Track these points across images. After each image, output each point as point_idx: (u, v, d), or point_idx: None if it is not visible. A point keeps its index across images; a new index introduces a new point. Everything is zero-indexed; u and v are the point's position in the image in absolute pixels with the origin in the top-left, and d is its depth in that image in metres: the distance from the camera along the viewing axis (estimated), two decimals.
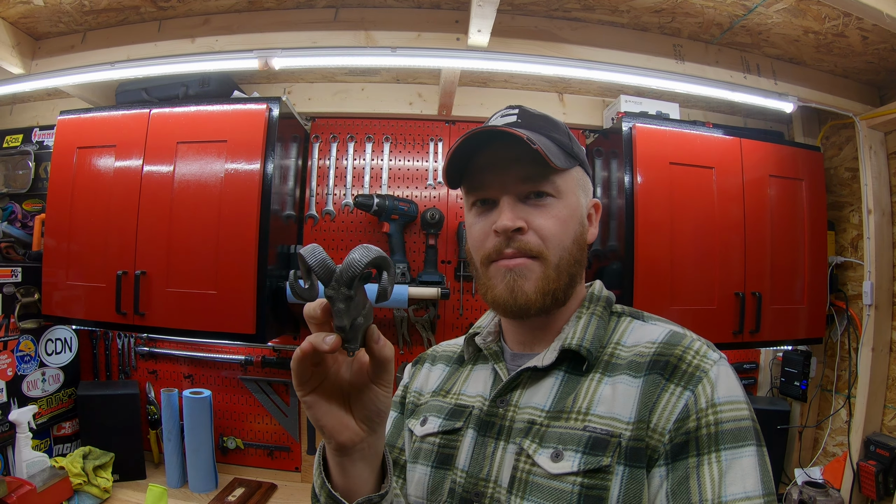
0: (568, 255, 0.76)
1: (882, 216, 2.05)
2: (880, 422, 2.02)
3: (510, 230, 0.73)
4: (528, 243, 0.74)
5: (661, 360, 0.70)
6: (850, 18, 1.68)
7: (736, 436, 0.63)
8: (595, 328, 0.78)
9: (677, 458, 0.64)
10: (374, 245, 0.57)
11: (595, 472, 0.65)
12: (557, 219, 0.75)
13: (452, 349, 0.96)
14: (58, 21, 1.92)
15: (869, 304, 2.02)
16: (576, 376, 0.75)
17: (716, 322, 1.96)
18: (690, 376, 0.67)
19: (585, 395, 0.72)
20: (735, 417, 0.64)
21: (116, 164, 1.98)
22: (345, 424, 0.60)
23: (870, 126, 2.05)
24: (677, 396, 0.66)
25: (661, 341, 0.73)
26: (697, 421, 0.64)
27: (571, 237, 0.77)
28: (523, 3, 1.78)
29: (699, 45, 1.94)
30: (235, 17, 1.88)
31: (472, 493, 0.74)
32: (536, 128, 0.77)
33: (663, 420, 0.65)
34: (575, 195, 0.79)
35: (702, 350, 0.70)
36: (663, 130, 1.98)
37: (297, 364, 0.57)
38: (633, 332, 0.77)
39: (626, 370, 0.71)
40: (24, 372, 2.03)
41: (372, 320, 0.59)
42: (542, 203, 0.75)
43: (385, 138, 2.35)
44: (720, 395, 0.65)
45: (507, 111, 0.80)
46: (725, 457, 0.62)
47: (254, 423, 2.33)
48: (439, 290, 2.08)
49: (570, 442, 0.68)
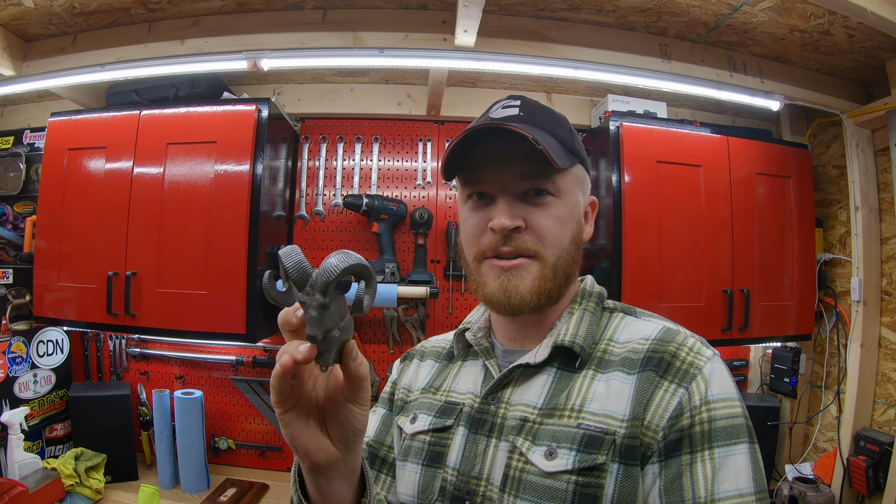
0: (566, 254, 0.75)
1: (870, 213, 2.06)
2: (870, 417, 2.03)
3: (508, 229, 0.72)
4: (526, 242, 0.73)
5: (655, 356, 0.69)
6: (836, 16, 1.70)
7: (729, 433, 0.63)
8: (588, 324, 0.77)
9: (671, 456, 0.63)
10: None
11: (590, 471, 0.64)
12: (556, 218, 0.74)
13: (441, 345, 0.94)
14: (48, 23, 1.93)
15: (857, 301, 2.03)
16: (568, 373, 0.74)
17: (704, 319, 1.97)
18: (685, 373, 0.67)
19: (579, 392, 0.71)
20: (728, 415, 0.64)
21: (107, 165, 1.99)
22: (321, 445, 0.57)
23: (857, 123, 2.07)
24: (671, 393, 0.66)
25: (655, 338, 0.72)
26: (691, 418, 0.64)
27: (569, 236, 0.75)
28: (509, 4, 1.79)
29: (685, 44, 1.95)
30: (225, 18, 1.89)
31: (464, 492, 0.73)
32: (539, 122, 0.74)
33: (657, 417, 0.65)
34: (574, 194, 0.77)
35: (695, 347, 0.70)
36: (651, 129, 1.99)
37: (279, 381, 0.52)
38: (625, 329, 0.77)
39: (620, 367, 0.71)
40: (15, 373, 2.03)
41: (351, 335, 0.55)
42: (541, 202, 0.74)
43: (374, 139, 2.36)
44: (714, 392, 0.65)
45: (509, 102, 0.77)
46: (718, 454, 0.62)
47: (245, 423, 2.33)
48: (428, 289, 2.08)
49: (564, 440, 0.67)
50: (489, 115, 0.77)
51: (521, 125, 0.70)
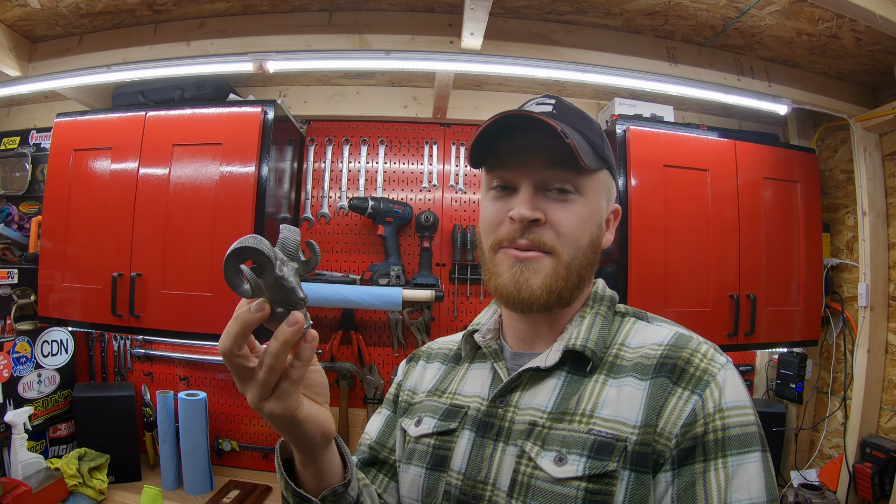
0: (581, 255, 0.74)
1: (877, 218, 2.05)
2: (876, 424, 2.01)
3: (527, 220, 0.71)
4: (543, 237, 0.72)
5: (668, 362, 0.68)
6: (844, 20, 1.69)
7: (742, 441, 0.63)
8: (600, 328, 0.76)
9: (684, 464, 0.63)
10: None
11: (600, 478, 0.63)
12: (577, 216, 0.73)
13: (448, 346, 0.93)
14: (54, 24, 1.94)
15: (864, 306, 2.02)
16: (579, 377, 0.73)
17: (710, 324, 1.96)
18: (698, 380, 0.66)
19: (590, 397, 0.70)
20: (742, 423, 0.64)
21: (112, 166, 1.99)
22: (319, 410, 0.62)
23: (864, 128, 2.05)
24: (685, 400, 0.65)
25: (668, 343, 0.71)
26: (705, 426, 0.63)
27: (588, 238, 0.75)
28: (516, 7, 1.78)
29: (692, 47, 1.94)
30: (230, 20, 1.89)
31: (470, 496, 0.72)
32: (571, 122, 0.74)
33: (670, 424, 0.64)
34: (598, 197, 0.77)
35: (709, 353, 0.69)
36: (657, 133, 1.98)
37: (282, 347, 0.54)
38: (637, 333, 0.76)
39: (632, 372, 0.70)
40: (20, 373, 2.03)
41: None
42: (564, 198, 0.73)
43: (380, 141, 2.36)
44: (727, 399, 0.65)
45: (544, 100, 0.77)
46: (732, 462, 0.62)
47: (249, 425, 2.33)
48: (434, 292, 2.08)
49: (575, 445, 0.66)
50: (523, 108, 0.77)
51: (553, 120, 0.70)
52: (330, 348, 2.25)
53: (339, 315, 2.30)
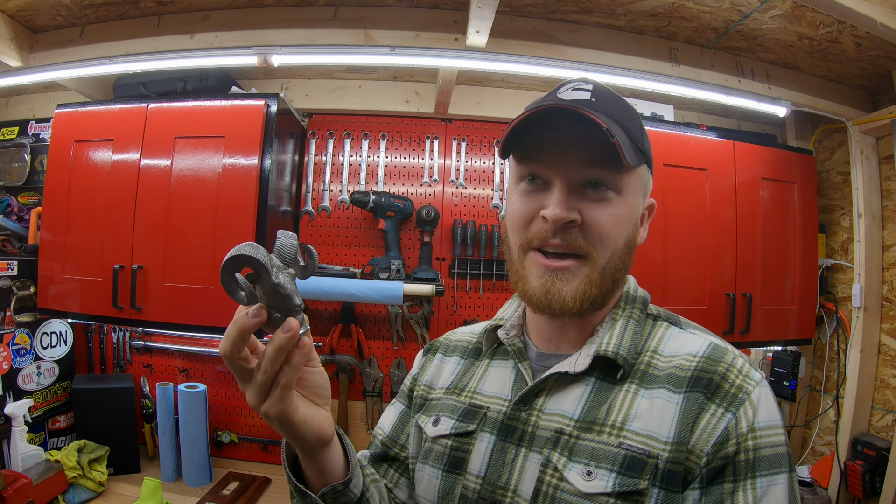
0: (617, 258, 0.70)
1: (872, 220, 2.08)
2: (868, 422, 2.05)
3: (563, 221, 0.66)
4: (578, 239, 0.67)
5: (703, 376, 0.65)
6: (844, 26, 1.71)
7: (772, 462, 0.61)
8: (632, 333, 0.72)
9: (713, 483, 0.61)
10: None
11: (629, 495, 0.61)
12: (614, 217, 0.68)
13: (468, 338, 0.90)
14: (56, 14, 1.92)
15: (858, 307, 2.06)
16: (608, 384, 0.69)
17: (707, 322, 1.94)
18: (733, 397, 0.63)
19: (620, 407, 0.67)
20: (773, 443, 0.62)
21: (114, 157, 1.98)
22: (317, 412, 0.61)
23: (862, 131, 2.08)
24: (718, 418, 0.62)
25: (703, 355, 0.68)
26: (737, 446, 0.61)
27: (624, 239, 0.70)
28: (522, 5, 1.79)
29: (694, 48, 1.96)
30: (235, 13, 1.89)
31: (489, 501, 0.70)
32: (612, 113, 0.67)
33: (702, 441, 0.62)
34: (635, 195, 0.72)
35: (745, 369, 0.66)
36: (657, 132, 1.99)
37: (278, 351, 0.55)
38: (670, 341, 0.72)
39: (665, 384, 0.67)
40: (19, 365, 2.03)
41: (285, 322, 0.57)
42: (601, 196, 0.68)
43: (382, 135, 2.36)
44: (760, 419, 0.62)
45: (580, 84, 0.70)
46: (760, 484, 0.60)
47: (248, 417, 2.34)
48: (434, 287, 2.09)
49: (604, 459, 0.64)
50: (557, 95, 0.70)
51: (595, 112, 0.64)
52: (330, 341, 2.26)
53: (339, 308, 2.30)
